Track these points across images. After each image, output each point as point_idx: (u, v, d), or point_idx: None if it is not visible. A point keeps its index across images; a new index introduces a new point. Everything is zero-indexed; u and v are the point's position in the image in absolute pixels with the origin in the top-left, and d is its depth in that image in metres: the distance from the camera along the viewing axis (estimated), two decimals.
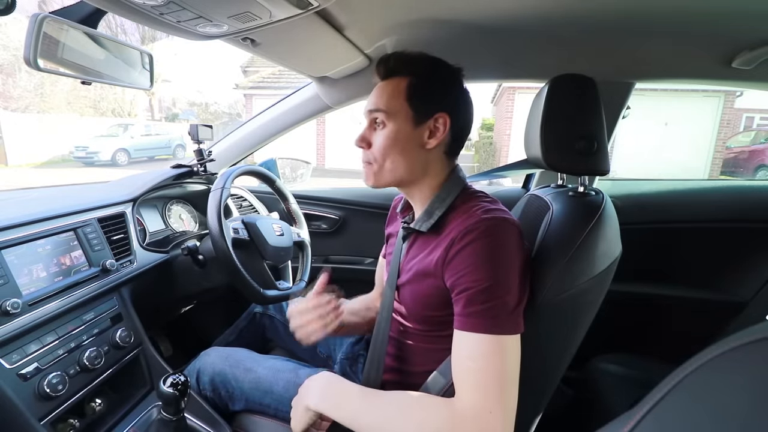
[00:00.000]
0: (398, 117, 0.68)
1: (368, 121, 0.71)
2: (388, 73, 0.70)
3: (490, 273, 0.56)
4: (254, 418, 0.81)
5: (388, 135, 0.68)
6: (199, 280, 1.07)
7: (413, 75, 0.68)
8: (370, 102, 0.70)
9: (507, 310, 0.56)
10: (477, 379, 0.54)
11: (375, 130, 0.70)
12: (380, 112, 0.68)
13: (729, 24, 0.85)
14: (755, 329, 0.24)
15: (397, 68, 0.69)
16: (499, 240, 0.58)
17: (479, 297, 0.56)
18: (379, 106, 0.68)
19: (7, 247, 0.72)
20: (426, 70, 0.69)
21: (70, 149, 10.58)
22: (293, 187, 1.57)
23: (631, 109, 1.22)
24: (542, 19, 0.88)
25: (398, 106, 0.68)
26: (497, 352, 0.54)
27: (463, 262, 0.58)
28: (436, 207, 0.68)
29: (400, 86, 0.68)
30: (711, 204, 1.36)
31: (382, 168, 0.70)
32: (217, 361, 0.86)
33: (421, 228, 0.68)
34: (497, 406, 0.52)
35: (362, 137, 0.71)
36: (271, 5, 0.67)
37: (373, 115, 0.69)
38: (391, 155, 0.68)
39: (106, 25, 9.55)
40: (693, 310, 1.30)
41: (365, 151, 0.71)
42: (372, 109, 0.69)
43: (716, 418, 0.23)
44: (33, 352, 0.71)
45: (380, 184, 0.71)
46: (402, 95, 0.68)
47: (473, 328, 0.56)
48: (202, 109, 20.53)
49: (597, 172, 0.70)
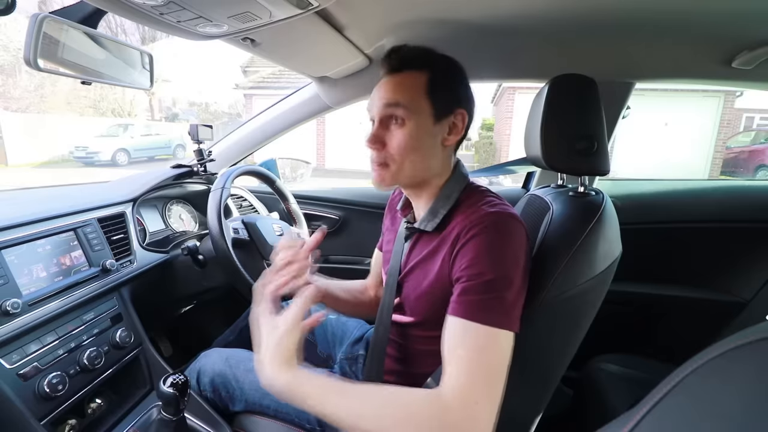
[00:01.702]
0: (420, 113, 0.63)
1: (381, 118, 0.65)
2: (402, 65, 0.64)
3: (494, 266, 0.55)
4: (254, 419, 0.81)
5: (410, 133, 0.63)
6: (199, 280, 1.07)
7: (431, 69, 0.64)
8: (383, 96, 0.64)
9: (505, 305, 0.55)
10: (467, 368, 0.52)
11: (389, 129, 0.65)
12: (400, 107, 0.63)
13: (729, 24, 0.85)
14: (755, 329, 0.24)
15: (412, 61, 0.64)
16: (505, 235, 0.58)
17: (479, 288, 0.55)
18: (398, 101, 0.63)
19: (7, 247, 0.73)
20: (442, 63, 0.66)
21: (70, 149, 10.57)
22: (293, 187, 1.57)
23: (631, 109, 1.22)
24: (542, 19, 0.88)
25: (419, 101, 0.63)
26: (490, 344, 0.53)
27: (467, 255, 0.57)
28: (441, 206, 0.66)
29: (419, 80, 0.63)
30: (711, 204, 1.36)
31: (401, 169, 0.65)
32: (218, 361, 0.86)
33: (426, 228, 0.67)
34: (484, 398, 0.51)
35: (375, 137, 0.65)
36: (271, 5, 0.67)
37: (389, 110, 0.64)
38: (411, 155, 0.64)
39: (106, 25, 9.55)
40: (693, 310, 1.30)
41: (378, 151, 0.65)
42: (390, 103, 0.63)
43: (716, 418, 0.23)
44: (33, 352, 0.71)
45: (394, 185, 0.67)
46: (423, 89, 0.63)
47: (468, 315, 0.54)
48: (202, 109, 20.54)
49: (597, 172, 0.70)
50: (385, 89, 0.64)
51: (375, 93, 0.67)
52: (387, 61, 0.66)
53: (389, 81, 0.65)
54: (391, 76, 0.65)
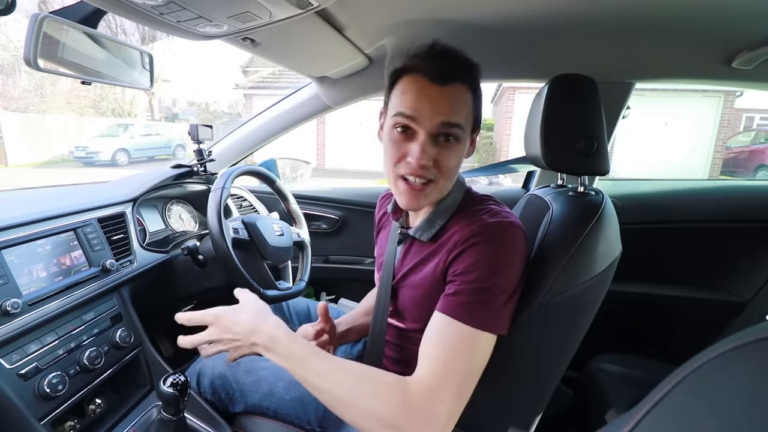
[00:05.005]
0: (466, 132, 0.61)
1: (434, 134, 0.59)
2: (453, 76, 0.58)
3: (489, 276, 0.56)
4: (255, 419, 0.81)
5: (460, 153, 0.61)
6: (199, 280, 1.07)
7: (472, 83, 0.60)
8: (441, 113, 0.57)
9: (492, 309, 0.55)
10: (440, 367, 0.53)
11: (439, 146, 0.59)
12: (459, 128, 0.58)
13: (729, 24, 0.85)
14: (755, 329, 0.24)
15: (460, 73, 0.59)
16: (503, 245, 0.58)
17: (470, 292, 0.56)
18: (458, 121, 0.58)
19: (7, 247, 0.72)
20: (477, 75, 0.61)
21: (70, 149, 10.57)
22: (293, 187, 1.57)
23: (631, 109, 1.22)
24: (542, 18, 0.88)
25: (468, 120, 0.60)
26: (469, 345, 0.54)
27: (464, 262, 0.58)
28: (438, 217, 0.66)
29: (465, 96, 0.59)
30: (711, 204, 1.36)
31: (442, 188, 0.62)
32: (218, 363, 0.86)
33: (422, 237, 0.67)
34: (450, 398, 0.52)
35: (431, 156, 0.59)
36: (271, 5, 0.67)
37: (446, 129, 0.58)
38: (453, 175, 0.63)
39: (106, 25, 9.55)
40: (693, 310, 1.30)
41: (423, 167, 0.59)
42: (450, 123, 0.58)
43: (716, 418, 0.23)
44: (33, 352, 0.71)
45: (427, 205, 0.65)
46: (470, 108, 0.60)
47: (453, 314, 0.55)
48: (202, 109, 20.54)
49: (597, 172, 0.70)
50: (441, 104, 0.58)
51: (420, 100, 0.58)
52: (432, 65, 0.57)
53: (442, 94, 0.58)
54: (439, 86, 0.57)
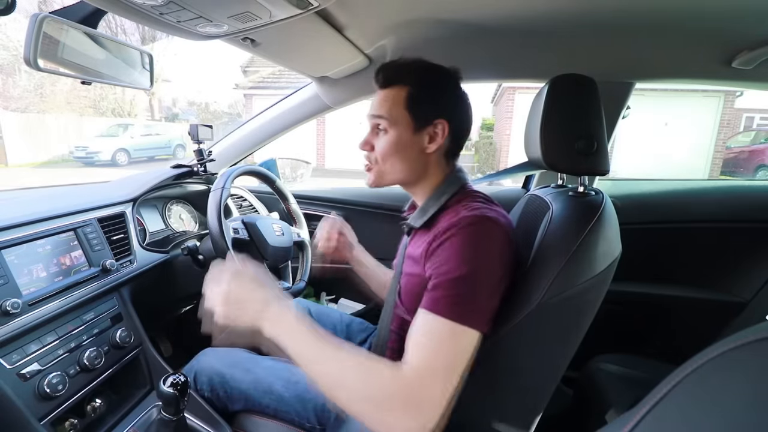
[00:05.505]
0: (399, 124, 0.71)
1: (371, 126, 0.75)
2: (387, 82, 0.73)
3: (462, 266, 0.58)
4: (254, 418, 0.81)
5: (390, 141, 0.72)
6: (199, 280, 1.07)
7: (412, 84, 0.71)
8: (372, 108, 0.74)
9: (471, 304, 0.57)
10: (426, 354, 0.55)
11: (377, 135, 0.74)
12: (382, 119, 0.72)
13: (729, 24, 0.85)
14: (755, 329, 0.24)
15: (395, 77, 0.72)
16: (477, 236, 0.60)
17: (447, 284, 0.58)
18: (381, 114, 0.72)
19: (7, 247, 0.72)
20: (424, 78, 0.72)
21: (70, 149, 10.56)
22: (293, 187, 1.57)
23: (631, 109, 1.22)
24: (542, 18, 0.88)
25: (398, 114, 0.71)
26: (451, 339, 0.55)
27: (441, 254, 0.60)
28: (431, 205, 0.71)
29: (399, 95, 0.71)
30: (711, 204, 1.36)
31: (382, 171, 0.74)
32: (215, 361, 0.86)
33: (415, 224, 0.72)
34: (439, 382, 0.53)
35: (366, 141, 0.76)
36: (271, 5, 0.67)
37: (375, 121, 0.73)
38: (391, 159, 0.73)
39: (106, 25, 9.55)
40: (693, 310, 1.30)
41: (368, 153, 0.76)
42: (374, 115, 0.73)
43: (716, 418, 0.23)
44: (33, 352, 0.71)
45: (380, 184, 0.76)
46: (402, 104, 0.71)
47: (434, 309, 0.57)
48: (202, 109, 20.53)
49: (597, 172, 0.70)
50: (374, 102, 0.74)
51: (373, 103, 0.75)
52: (375, 79, 0.75)
53: (378, 95, 0.74)
54: (379, 90, 0.74)
